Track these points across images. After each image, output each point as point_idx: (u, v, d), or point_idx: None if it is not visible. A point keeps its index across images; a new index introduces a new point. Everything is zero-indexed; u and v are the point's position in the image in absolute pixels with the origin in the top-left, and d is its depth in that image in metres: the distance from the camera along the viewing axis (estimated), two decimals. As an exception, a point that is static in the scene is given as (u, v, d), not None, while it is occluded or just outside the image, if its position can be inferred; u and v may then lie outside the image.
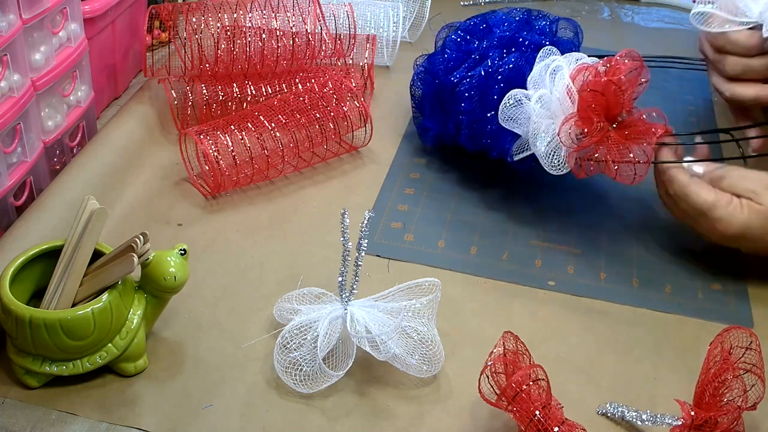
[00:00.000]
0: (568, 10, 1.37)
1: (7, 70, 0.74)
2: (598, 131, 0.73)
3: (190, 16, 0.94)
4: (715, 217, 0.74)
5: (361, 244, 0.64)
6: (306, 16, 0.97)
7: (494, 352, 0.59)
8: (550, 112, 0.77)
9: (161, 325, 0.70)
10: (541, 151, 0.77)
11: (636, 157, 0.73)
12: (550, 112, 0.77)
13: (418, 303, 0.68)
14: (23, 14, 0.74)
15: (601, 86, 0.74)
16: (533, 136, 0.77)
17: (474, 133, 0.85)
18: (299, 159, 0.91)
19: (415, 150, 0.97)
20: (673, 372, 0.70)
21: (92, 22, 0.90)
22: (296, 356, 0.65)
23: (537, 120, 0.77)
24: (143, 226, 0.82)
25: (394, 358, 0.65)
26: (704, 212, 0.74)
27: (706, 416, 0.58)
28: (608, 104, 0.75)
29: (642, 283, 0.79)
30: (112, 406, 0.64)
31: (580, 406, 0.66)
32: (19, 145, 0.78)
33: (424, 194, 0.90)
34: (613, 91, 0.74)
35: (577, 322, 0.74)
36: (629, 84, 0.75)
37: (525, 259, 0.82)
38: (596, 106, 0.74)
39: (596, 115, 0.74)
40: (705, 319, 0.75)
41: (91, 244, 0.65)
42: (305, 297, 0.71)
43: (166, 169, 0.91)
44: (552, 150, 0.76)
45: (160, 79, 0.96)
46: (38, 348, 0.62)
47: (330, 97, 0.92)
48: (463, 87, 0.84)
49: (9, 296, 0.62)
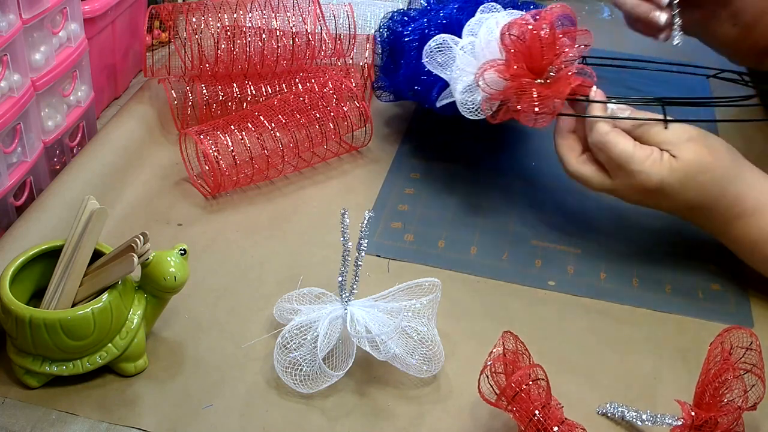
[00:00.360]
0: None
1: (7, 70, 0.74)
2: (515, 78, 0.73)
3: (190, 16, 0.94)
4: (633, 169, 0.72)
5: (361, 244, 0.64)
6: (306, 16, 0.97)
7: (494, 352, 0.59)
8: (476, 60, 0.77)
9: (161, 325, 0.70)
10: (457, 95, 0.77)
11: (543, 107, 0.72)
12: (475, 59, 0.77)
13: (418, 303, 0.68)
14: (23, 14, 0.74)
15: (521, 32, 0.73)
16: (454, 80, 0.78)
17: (412, 82, 0.87)
18: (299, 159, 0.91)
19: (415, 150, 0.97)
20: (673, 372, 0.70)
21: (92, 22, 0.90)
22: (296, 356, 0.65)
23: (461, 66, 0.77)
24: (143, 226, 0.82)
25: (394, 358, 0.65)
26: (622, 164, 0.72)
27: (706, 416, 0.58)
28: (531, 54, 0.74)
29: (642, 283, 0.79)
30: (112, 406, 0.64)
31: (580, 406, 0.66)
32: (19, 145, 0.78)
33: (424, 194, 0.90)
34: (534, 39, 0.73)
35: (577, 322, 0.74)
36: (554, 36, 0.74)
37: (525, 259, 0.82)
38: (517, 53, 0.74)
39: (516, 63, 0.74)
40: (705, 319, 0.75)
41: (91, 244, 0.65)
42: (305, 297, 0.71)
43: (166, 169, 0.91)
44: (469, 95, 0.76)
45: (160, 79, 0.96)
46: (38, 348, 0.62)
47: (330, 97, 0.92)
48: (408, 37, 0.86)
49: (9, 296, 0.62)
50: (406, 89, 0.89)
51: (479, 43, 0.77)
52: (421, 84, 0.87)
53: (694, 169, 0.72)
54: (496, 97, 0.75)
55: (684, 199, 0.73)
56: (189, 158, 0.89)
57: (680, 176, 0.72)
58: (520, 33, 0.74)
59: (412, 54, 0.86)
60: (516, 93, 0.74)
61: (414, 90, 0.88)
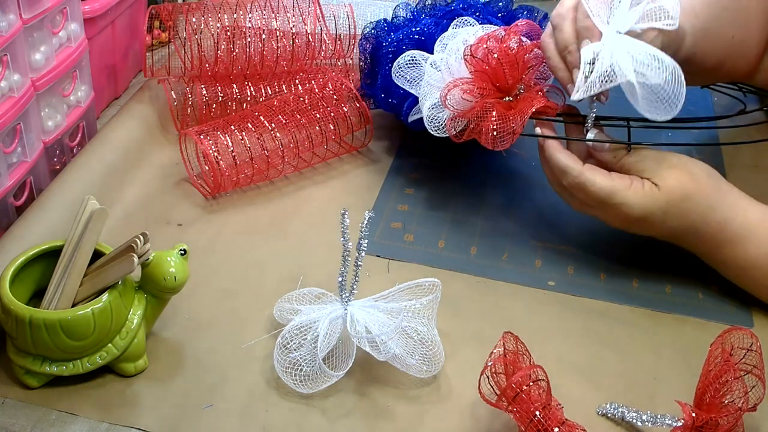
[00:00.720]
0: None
1: (7, 70, 0.74)
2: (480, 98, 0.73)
3: (190, 16, 0.94)
4: (616, 202, 0.72)
5: (361, 244, 0.64)
6: (306, 16, 0.97)
7: (494, 352, 0.59)
8: (444, 76, 0.77)
9: (161, 325, 0.70)
10: (424, 111, 0.77)
11: (502, 129, 0.71)
12: (444, 76, 0.77)
13: (418, 303, 0.68)
14: (23, 14, 0.74)
15: (484, 53, 0.73)
16: (423, 96, 0.78)
17: (388, 94, 0.88)
18: (299, 159, 0.91)
19: (415, 150, 0.97)
20: (673, 372, 0.70)
21: (92, 22, 0.90)
22: (296, 356, 0.65)
23: (430, 82, 0.77)
24: (143, 226, 0.81)
25: (394, 358, 0.65)
26: (604, 200, 0.72)
27: (706, 417, 0.58)
28: (495, 73, 0.74)
29: (642, 283, 0.79)
30: (112, 406, 0.64)
31: (580, 407, 0.66)
32: (19, 145, 0.78)
33: (424, 194, 0.90)
34: (498, 59, 0.73)
35: (577, 322, 0.74)
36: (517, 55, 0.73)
37: (525, 259, 0.82)
38: (481, 73, 0.74)
39: (481, 83, 0.73)
40: (705, 319, 0.75)
41: (91, 244, 0.65)
42: (305, 297, 0.71)
43: (166, 169, 0.91)
44: (436, 112, 0.76)
45: (160, 79, 0.96)
46: (38, 348, 0.62)
47: (330, 97, 0.92)
48: (385, 49, 0.87)
49: (9, 296, 0.62)
50: (383, 101, 0.90)
51: (448, 60, 0.77)
52: (395, 97, 0.87)
53: (676, 196, 0.72)
54: (461, 115, 0.74)
55: (668, 226, 0.73)
56: (189, 158, 0.89)
57: (662, 204, 0.72)
58: (483, 54, 0.73)
59: (388, 66, 0.85)
60: (479, 113, 0.73)
61: (389, 102, 0.88)
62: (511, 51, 0.74)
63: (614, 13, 0.68)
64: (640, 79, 0.67)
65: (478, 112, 0.73)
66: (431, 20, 0.87)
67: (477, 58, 0.74)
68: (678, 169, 0.72)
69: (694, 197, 0.72)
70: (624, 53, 0.67)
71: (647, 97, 0.68)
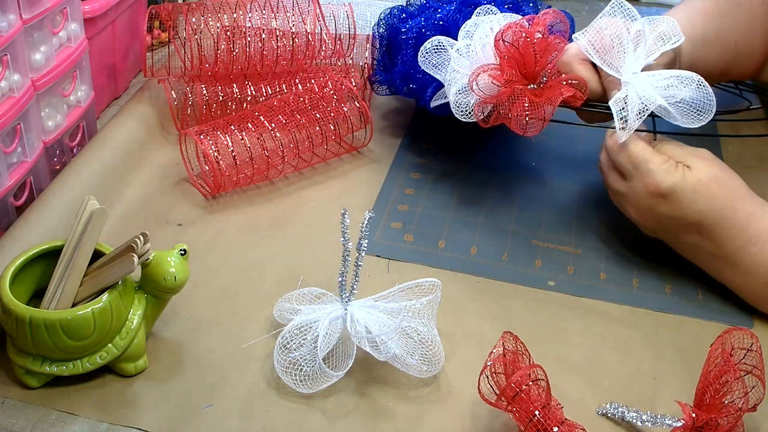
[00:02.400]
0: (569, 10, 1.36)
1: (7, 70, 0.74)
2: (508, 84, 0.74)
3: (190, 16, 0.94)
4: (649, 168, 0.73)
5: (361, 244, 0.64)
6: (306, 16, 0.97)
7: (494, 352, 0.59)
8: (471, 63, 0.77)
9: (161, 325, 0.70)
10: (451, 97, 0.78)
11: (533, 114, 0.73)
12: (470, 62, 0.78)
13: (418, 303, 0.68)
14: (23, 14, 0.74)
15: (515, 38, 0.74)
16: (449, 82, 0.78)
17: (407, 80, 0.88)
18: (299, 159, 0.91)
19: (415, 150, 0.97)
20: (673, 372, 0.70)
21: (92, 22, 0.90)
22: (296, 356, 0.65)
23: (456, 68, 0.78)
24: (143, 226, 0.81)
25: (394, 358, 0.65)
26: (639, 163, 0.73)
27: (706, 418, 0.58)
28: (524, 60, 0.74)
29: (642, 283, 0.79)
30: (112, 406, 0.64)
31: (580, 407, 0.66)
32: (19, 145, 0.78)
33: (424, 194, 0.90)
34: (527, 46, 0.74)
35: (577, 322, 0.74)
36: (547, 42, 0.75)
37: (525, 259, 0.82)
38: (510, 59, 0.74)
39: (509, 69, 0.74)
40: (705, 319, 0.75)
41: (91, 244, 0.65)
42: (305, 297, 0.71)
43: (166, 169, 0.91)
44: (462, 98, 0.77)
45: (160, 79, 0.96)
46: (38, 348, 0.62)
47: (330, 97, 0.92)
48: (405, 35, 0.87)
49: (9, 296, 0.62)
50: (401, 86, 0.90)
51: (474, 46, 0.78)
52: (415, 82, 0.87)
53: (707, 178, 0.72)
54: (489, 101, 0.75)
55: (695, 209, 0.72)
56: (189, 158, 0.89)
57: (694, 183, 0.72)
58: (513, 39, 0.74)
59: (408, 52, 0.86)
60: (508, 99, 0.74)
61: (409, 87, 0.89)
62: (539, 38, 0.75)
63: (625, 60, 0.74)
64: (669, 100, 0.73)
65: (506, 98, 0.74)
66: (452, 7, 0.87)
67: (507, 43, 0.74)
68: (710, 161, 0.74)
69: (724, 183, 0.73)
70: (647, 88, 0.73)
71: (682, 111, 0.73)
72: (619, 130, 0.74)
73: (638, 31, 0.75)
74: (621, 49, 0.74)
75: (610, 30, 0.75)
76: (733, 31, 0.87)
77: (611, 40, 0.74)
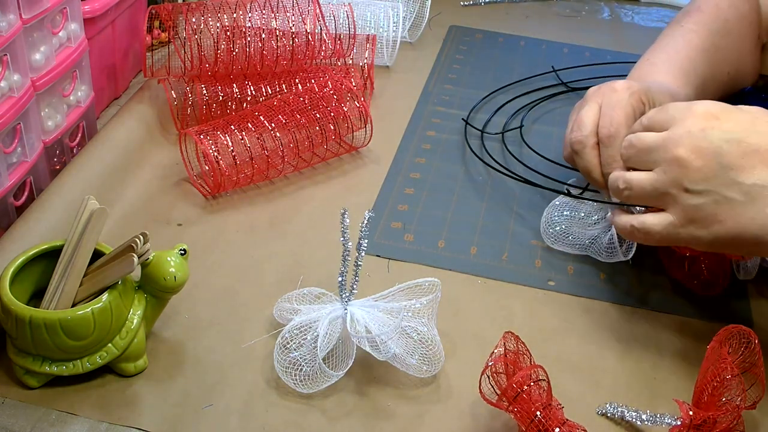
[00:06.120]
0: (568, 10, 1.37)
1: (7, 70, 0.74)
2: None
3: (190, 16, 0.94)
4: (673, 116, 0.66)
5: (361, 244, 0.64)
6: (306, 16, 0.97)
7: (495, 352, 0.59)
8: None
9: (161, 325, 0.70)
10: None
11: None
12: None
13: (418, 303, 0.68)
14: (23, 14, 0.74)
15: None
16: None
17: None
18: (299, 159, 0.91)
19: (415, 150, 0.97)
20: (672, 372, 0.70)
21: (92, 22, 0.90)
22: (296, 356, 0.65)
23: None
24: (143, 226, 0.82)
25: (394, 358, 0.65)
26: (666, 122, 0.67)
27: (704, 416, 0.58)
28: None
29: (642, 283, 0.79)
30: (112, 406, 0.64)
31: (580, 406, 0.66)
32: (19, 145, 0.78)
33: (424, 194, 0.90)
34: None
35: (577, 322, 0.74)
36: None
37: (525, 259, 0.82)
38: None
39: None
40: (705, 320, 0.75)
41: (91, 244, 0.65)
42: (305, 297, 0.71)
43: (166, 169, 0.91)
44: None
45: (160, 79, 0.96)
46: (38, 348, 0.62)
47: (330, 97, 0.92)
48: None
49: (9, 296, 0.62)
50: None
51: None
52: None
53: (715, 109, 0.65)
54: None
55: (720, 131, 0.63)
56: (189, 158, 0.89)
57: (702, 116, 0.65)
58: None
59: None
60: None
61: None
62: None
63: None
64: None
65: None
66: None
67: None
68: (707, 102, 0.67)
69: (732, 110, 0.65)
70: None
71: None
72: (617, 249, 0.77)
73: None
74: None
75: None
76: (725, 64, 0.87)
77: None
